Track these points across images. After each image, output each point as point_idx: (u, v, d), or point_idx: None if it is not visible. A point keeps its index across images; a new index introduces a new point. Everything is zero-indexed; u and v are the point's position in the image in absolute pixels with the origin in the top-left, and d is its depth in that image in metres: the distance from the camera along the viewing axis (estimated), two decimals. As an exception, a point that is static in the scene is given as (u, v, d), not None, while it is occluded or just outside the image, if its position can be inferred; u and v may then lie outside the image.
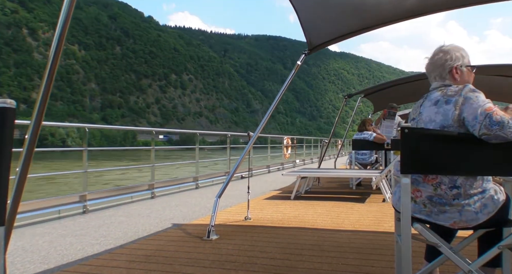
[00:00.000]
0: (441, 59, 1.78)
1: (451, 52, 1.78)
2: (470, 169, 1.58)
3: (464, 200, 1.58)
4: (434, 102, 1.71)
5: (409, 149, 1.58)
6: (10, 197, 1.77)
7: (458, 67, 1.76)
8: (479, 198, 1.59)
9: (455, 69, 1.76)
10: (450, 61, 1.77)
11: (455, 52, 1.78)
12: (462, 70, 1.77)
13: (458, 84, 1.74)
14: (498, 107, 1.57)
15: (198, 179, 7.31)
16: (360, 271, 2.41)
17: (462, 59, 1.78)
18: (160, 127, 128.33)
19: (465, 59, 1.79)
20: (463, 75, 1.78)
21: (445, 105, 1.65)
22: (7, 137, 1.05)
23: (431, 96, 1.77)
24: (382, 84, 8.96)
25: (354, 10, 3.68)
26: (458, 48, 1.80)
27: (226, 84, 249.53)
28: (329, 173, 6.35)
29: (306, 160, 16.00)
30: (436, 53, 1.82)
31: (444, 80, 1.77)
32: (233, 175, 4.09)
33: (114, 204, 5.10)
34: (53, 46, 1.91)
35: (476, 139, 1.55)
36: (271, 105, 4.24)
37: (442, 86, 1.75)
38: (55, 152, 36.80)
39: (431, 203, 1.62)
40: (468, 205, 1.58)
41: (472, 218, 1.58)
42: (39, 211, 4.13)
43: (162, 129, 36.40)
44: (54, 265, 2.58)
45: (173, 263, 2.59)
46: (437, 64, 1.80)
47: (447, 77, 1.77)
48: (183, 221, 4.08)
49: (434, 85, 1.81)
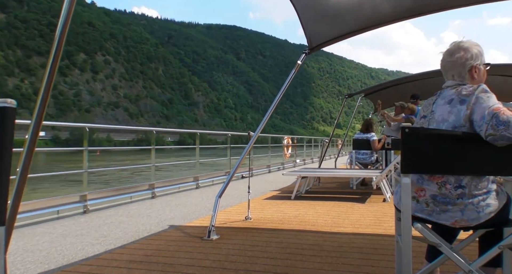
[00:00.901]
0: (462, 58, 1.72)
1: (471, 49, 1.73)
2: (471, 169, 1.57)
3: (467, 199, 1.56)
4: (448, 100, 1.67)
5: (410, 149, 1.58)
6: (11, 197, 1.77)
7: (477, 66, 1.72)
8: (483, 198, 1.58)
9: (475, 68, 1.72)
10: (470, 60, 1.71)
11: (474, 49, 1.73)
12: (480, 69, 1.73)
13: (474, 83, 1.71)
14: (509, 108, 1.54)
15: (199, 179, 7.32)
16: (361, 271, 2.41)
17: (480, 57, 1.74)
18: (53, 120, 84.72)
19: (483, 57, 1.75)
20: (480, 74, 1.74)
21: (459, 105, 1.61)
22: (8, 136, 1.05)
23: (445, 93, 1.72)
24: (383, 84, 8.97)
25: (354, 10, 3.68)
26: (476, 45, 1.74)
27: (160, 71, 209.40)
28: (330, 173, 6.35)
29: (307, 160, 16.00)
30: (457, 51, 1.74)
31: (463, 79, 1.73)
32: (233, 175, 4.09)
33: (114, 204, 5.10)
34: (53, 46, 1.91)
35: (477, 139, 1.54)
36: (271, 105, 4.23)
37: (457, 85, 1.71)
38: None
39: (434, 202, 1.60)
40: (471, 204, 1.56)
41: (473, 217, 1.57)
42: (40, 211, 4.13)
43: (163, 129, 35.27)
44: (54, 265, 2.58)
45: (173, 263, 2.59)
46: (457, 62, 1.73)
47: (466, 76, 1.73)
48: (183, 221, 4.08)
49: (449, 83, 1.76)
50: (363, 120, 7.73)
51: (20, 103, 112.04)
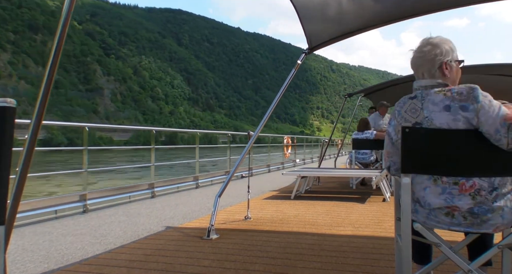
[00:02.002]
0: (430, 53, 1.64)
1: (441, 45, 1.64)
2: (472, 169, 1.55)
3: (502, 201, 1.49)
4: (443, 107, 1.54)
5: (410, 148, 1.58)
6: (10, 196, 1.77)
7: (448, 62, 1.63)
8: (511, 197, 1.52)
9: (445, 65, 1.63)
10: (440, 56, 1.63)
11: (445, 45, 1.64)
12: (451, 66, 1.64)
13: (447, 81, 1.64)
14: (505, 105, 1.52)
15: (198, 179, 7.32)
16: (360, 271, 2.41)
17: (451, 53, 1.65)
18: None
19: (454, 53, 1.67)
20: (452, 72, 1.66)
21: (462, 111, 1.51)
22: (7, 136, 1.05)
23: (433, 98, 1.58)
24: (383, 83, 8.96)
25: (354, 9, 3.68)
26: (447, 41, 1.66)
27: (48, 46, 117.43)
28: (329, 173, 6.35)
29: (306, 160, 16.01)
30: (424, 46, 1.67)
31: (434, 76, 1.65)
32: (233, 174, 4.10)
33: (114, 204, 5.10)
34: (53, 46, 1.91)
35: (480, 138, 1.52)
36: (271, 103, 4.23)
37: (438, 85, 1.62)
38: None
39: (473, 215, 1.49)
40: (506, 207, 1.49)
41: (511, 219, 1.50)
42: (39, 211, 4.13)
43: (163, 128, 35.06)
44: (54, 264, 2.59)
45: (173, 262, 2.59)
46: (425, 58, 1.65)
47: (436, 73, 1.64)
48: (183, 220, 4.08)
49: (423, 82, 1.66)
50: (359, 120, 7.72)
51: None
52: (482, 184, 1.49)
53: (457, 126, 1.52)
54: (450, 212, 1.52)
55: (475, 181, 1.49)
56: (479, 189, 1.49)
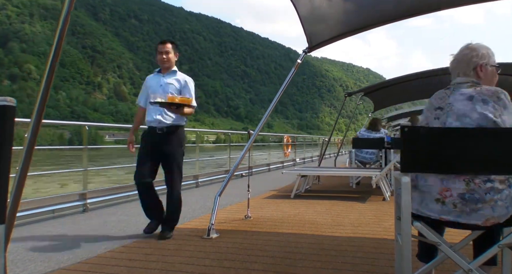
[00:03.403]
0: (467, 55, 1.77)
1: (478, 49, 1.77)
2: (473, 168, 1.56)
3: (496, 194, 1.53)
4: (467, 97, 1.67)
5: (410, 147, 1.58)
6: (11, 195, 1.77)
7: (483, 65, 1.75)
8: (510, 192, 1.56)
9: (480, 67, 1.75)
10: (476, 58, 1.75)
11: (482, 49, 1.77)
12: (487, 69, 1.76)
13: (481, 81, 1.73)
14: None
15: (199, 178, 7.31)
16: (360, 270, 2.41)
17: (488, 58, 1.77)
18: None
19: (491, 58, 1.78)
20: (487, 74, 1.76)
21: (482, 104, 1.62)
22: (7, 135, 1.05)
23: (461, 90, 1.71)
24: (383, 83, 8.94)
25: (354, 9, 3.68)
26: (485, 47, 1.79)
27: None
28: (329, 172, 6.35)
29: (306, 159, 16.00)
30: (462, 50, 1.80)
31: (468, 76, 1.75)
32: (233, 173, 4.10)
33: (114, 203, 5.10)
34: (53, 46, 1.91)
35: (480, 136, 1.53)
36: (271, 103, 4.23)
37: (471, 82, 1.73)
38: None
39: (463, 201, 1.55)
40: (500, 200, 1.53)
41: (503, 214, 1.54)
42: (39, 209, 4.13)
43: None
44: (54, 264, 2.58)
45: (173, 261, 2.59)
46: (462, 60, 1.78)
47: (471, 74, 1.75)
48: (183, 219, 4.08)
49: (459, 79, 1.77)
50: (372, 119, 7.69)
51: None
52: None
53: (471, 115, 1.61)
54: (440, 199, 1.59)
55: None
56: (474, 177, 1.56)
